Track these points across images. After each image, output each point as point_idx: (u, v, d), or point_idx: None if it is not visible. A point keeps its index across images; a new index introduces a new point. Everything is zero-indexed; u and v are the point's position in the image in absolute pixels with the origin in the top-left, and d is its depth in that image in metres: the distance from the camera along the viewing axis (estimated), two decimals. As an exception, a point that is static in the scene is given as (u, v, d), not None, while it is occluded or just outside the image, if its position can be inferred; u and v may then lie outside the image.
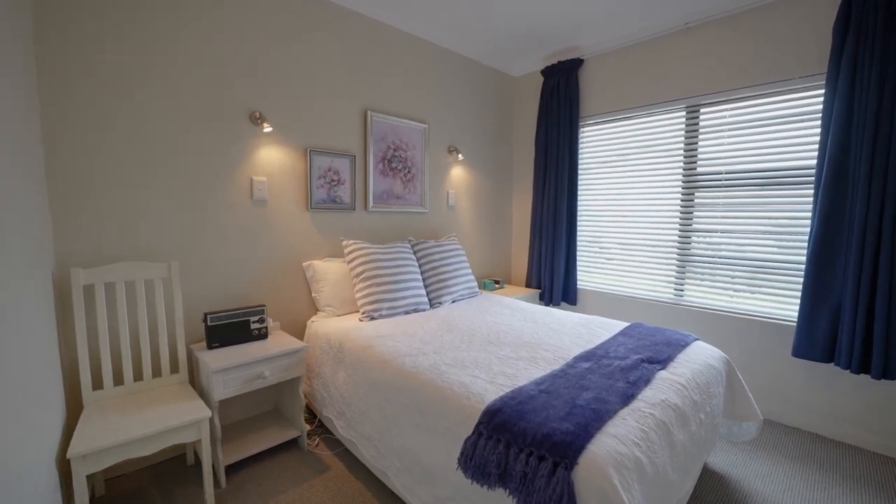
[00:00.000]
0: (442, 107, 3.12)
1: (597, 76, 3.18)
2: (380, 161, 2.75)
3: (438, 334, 2.08)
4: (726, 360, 1.94)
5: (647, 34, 2.86)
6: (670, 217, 2.91)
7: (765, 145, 2.48)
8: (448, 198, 3.24)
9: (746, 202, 2.57)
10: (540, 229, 3.51)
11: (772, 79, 2.41)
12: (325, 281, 2.41)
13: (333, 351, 2.09)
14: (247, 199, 2.21)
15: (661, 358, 1.74)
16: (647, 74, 2.91)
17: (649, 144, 2.98)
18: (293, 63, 2.32)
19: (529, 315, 2.47)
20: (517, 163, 3.79)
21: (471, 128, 3.37)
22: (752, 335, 2.55)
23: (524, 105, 3.69)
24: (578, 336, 2.09)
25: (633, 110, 3.01)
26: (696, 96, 2.71)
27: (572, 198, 3.31)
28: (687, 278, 2.86)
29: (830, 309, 2.21)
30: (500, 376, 1.58)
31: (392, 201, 2.85)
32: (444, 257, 2.76)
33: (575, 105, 3.22)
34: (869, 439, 2.20)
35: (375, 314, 2.31)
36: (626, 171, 3.12)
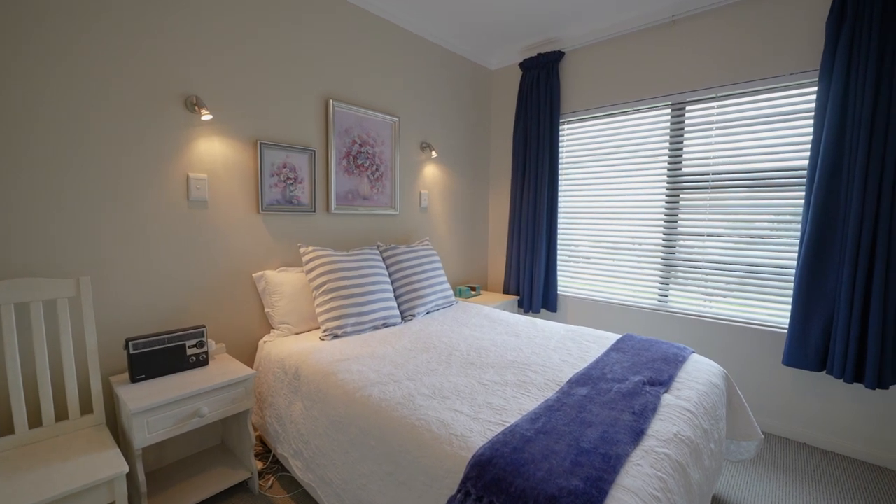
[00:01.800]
0: (414, 99, 2.86)
1: (578, 70, 3.01)
2: (344, 157, 2.45)
3: (412, 355, 1.81)
4: (726, 376, 1.78)
5: (632, 27, 2.70)
6: (654, 219, 2.78)
7: (754, 145, 2.37)
8: (421, 198, 2.98)
9: (734, 204, 2.46)
10: (518, 232, 3.31)
11: (762, 75, 2.30)
12: (279, 294, 2.09)
13: (288, 378, 1.79)
14: (181, 199, 1.86)
15: (663, 378, 1.56)
16: (630, 69, 2.76)
17: (633, 143, 2.84)
18: (239, 41, 1.99)
19: (511, 327, 2.25)
20: (494, 161, 3.58)
21: (445, 123, 3.12)
22: (741, 343, 2.44)
23: (502, 100, 3.48)
24: (567, 352, 1.89)
25: (617, 107, 2.86)
26: (681, 93, 2.58)
27: (552, 199, 3.13)
28: (672, 284, 2.73)
29: (823, 316, 2.11)
30: (486, 409, 1.34)
31: (358, 202, 2.55)
32: (416, 264, 2.50)
33: (555, 100, 3.04)
34: (862, 450, 2.12)
35: (339, 332, 2.02)
36: (608, 170, 2.96)
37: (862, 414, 2.12)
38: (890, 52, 1.89)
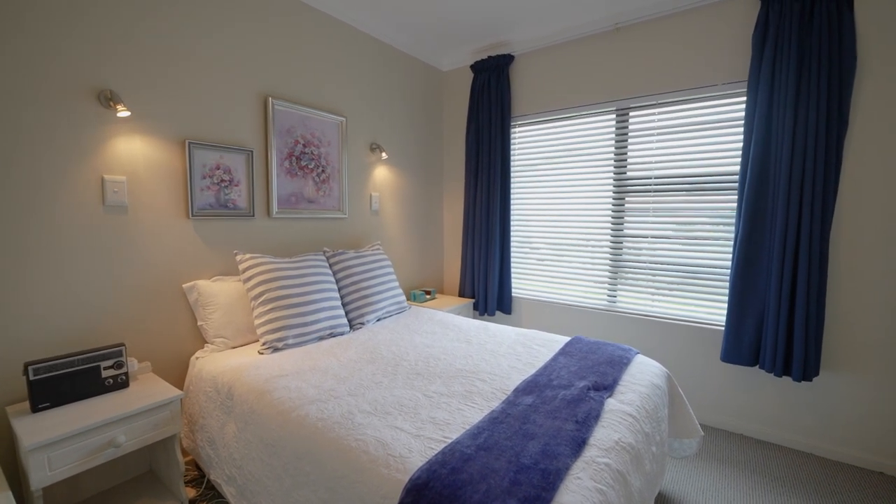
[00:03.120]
0: (362, 99, 2.76)
1: (528, 74, 3.03)
2: (286, 158, 2.32)
3: (357, 367, 1.73)
4: (668, 375, 1.83)
5: (578, 33, 2.75)
6: (602, 222, 2.84)
7: (692, 151, 2.47)
8: (371, 201, 2.88)
9: (676, 207, 2.55)
10: (472, 235, 3.29)
11: (697, 84, 2.40)
12: (213, 306, 1.94)
13: (221, 397, 1.65)
14: (96, 204, 1.68)
15: (607, 382, 1.57)
16: (578, 75, 2.81)
17: (581, 147, 2.89)
18: (162, 31, 1.82)
19: (463, 333, 2.21)
20: (448, 163, 3.54)
21: (397, 124, 3.04)
22: (683, 340, 2.53)
23: (455, 102, 3.45)
24: (517, 357, 1.87)
25: (565, 111, 2.90)
26: (625, 99, 2.65)
27: (505, 202, 3.13)
28: (619, 284, 2.81)
29: (755, 313, 2.23)
30: (429, 425, 1.28)
31: (302, 206, 2.43)
32: (366, 270, 2.41)
33: (506, 103, 3.04)
34: (791, 438, 2.25)
35: (280, 344, 1.90)
36: (559, 174, 3.00)
37: (790, 405, 2.25)
38: (807, 65, 2.01)
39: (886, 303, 2.00)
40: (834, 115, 1.98)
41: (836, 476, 2.02)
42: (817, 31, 1.98)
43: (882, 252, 2.00)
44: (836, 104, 1.98)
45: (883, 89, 1.96)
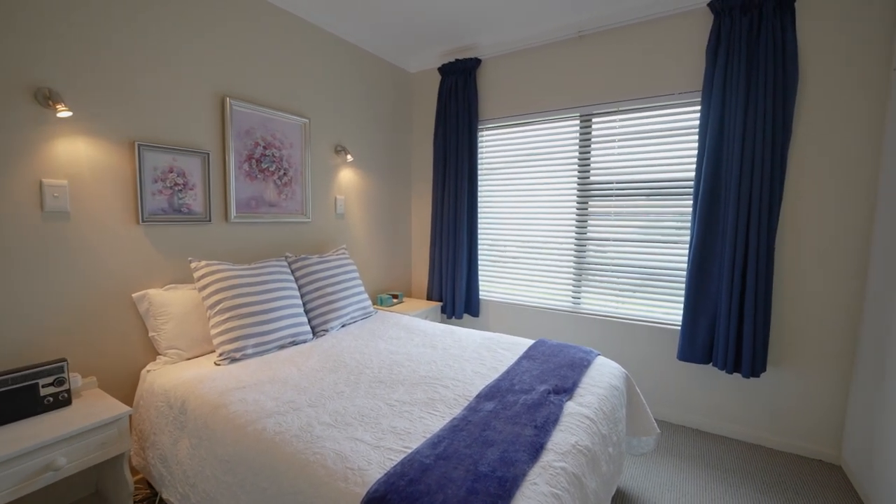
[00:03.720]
0: (327, 100, 2.71)
1: (495, 78, 3.05)
2: (245, 161, 2.24)
3: (319, 376, 1.70)
4: (626, 376, 1.89)
5: (544, 39, 2.79)
6: (567, 226, 2.90)
7: (651, 157, 2.56)
8: (336, 204, 2.83)
9: (635, 212, 2.64)
10: (440, 238, 3.29)
11: (656, 93, 2.48)
12: (166, 316, 1.85)
13: (174, 412, 1.58)
14: (34, 210, 1.57)
15: (567, 386, 1.60)
16: (543, 80, 2.86)
17: (547, 152, 2.94)
18: (108, 24, 1.72)
19: (429, 338, 2.21)
20: (416, 166, 3.53)
21: (363, 126, 3.00)
22: (643, 340, 2.62)
23: (423, 104, 3.43)
24: (481, 362, 1.88)
25: (531, 116, 2.94)
26: (588, 105, 2.72)
27: (472, 205, 3.14)
28: (583, 286, 2.88)
29: (709, 314, 2.33)
30: (390, 435, 1.27)
31: (263, 210, 2.36)
32: (330, 275, 2.36)
33: (473, 107, 3.06)
34: (741, 430, 2.38)
35: (238, 354, 1.83)
36: (525, 178, 3.04)
37: (741, 400, 2.37)
38: (755, 77, 2.12)
39: (826, 302, 2.14)
40: (779, 125, 2.10)
41: (781, 465, 2.15)
42: (764, 46, 2.09)
43: (821, 255, 2.13)
44: (781, 115, 2.09)
45: (821, 103, 2.09)
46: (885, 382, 1.76)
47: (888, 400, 1.72)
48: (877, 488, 1.77)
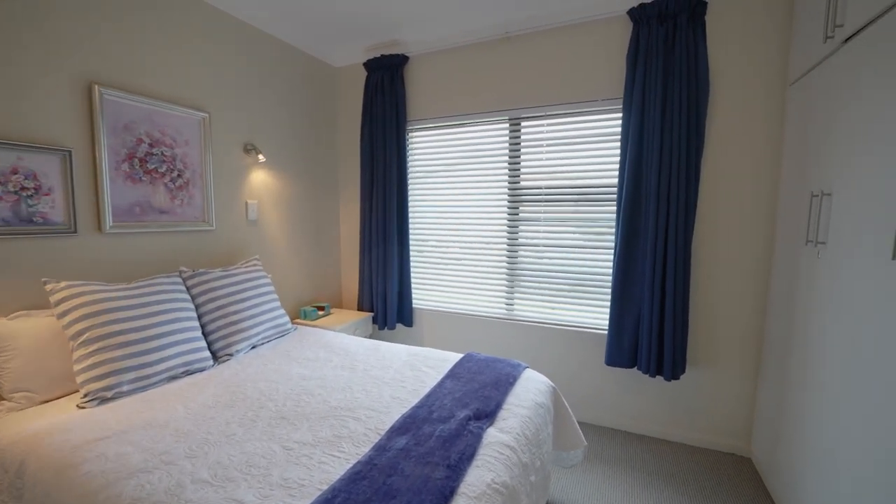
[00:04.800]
0: (234, 93, 2.41)
1: (423, 77, 2.91)
2: (125, 160, 1.91)
3: (210, 415, 1.46)
4: (553, 390, 1.84)
5: (471, 38, 2.69)
6: (499, 231, 2.84)
7: (577, 163, 2.55)
8: (248, 209, 2.54)
9: (564, 217, 2.62)
10: (369, 244, 3.09)
11: (581, 99, 2.47)
12: (11, 351, 1.51)
13: (9, 477, 1.27)
14: None
15: (489, 409, 1.50)
16: (473, 81, 2.76)
17: (478, 155, 2.85)
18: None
19: (349, 358, 2.02)
20: (344, 167, 3.30)
21: (279, 123, 2.73)
22: (574, 345, 2.62)
23: (350, 101, 3.21)
24: (402, 385, 1.73)
25: (461, 117, 2.83)
26: (517, 109, 2.66)
27: (402, 209, 2.98)
28: (516, 293, 2.83)
29: (633, 318, 2.36)
30: (279, 490, 1.08)
31: (151, 217, 2.03)
32: (237, 290, 2.10)
33: (401, 106, 2.90)
34: (665, 430, 2.44)
35: (110, 393, 1.54)
36: (456, 182, 2.93)
37: (663, 400, 2.43)
38: (671, 87, 2.16)
39: (736, 304, 2.24)
40: (693, 133, 2.15)
41: (699, 462, 2.22)
42: (679, 57, 2.13)
43: (731, 259, 2.23)
44: (695, 124, 2.15)
45: (729, 113, 2.17)
46: (787, 378, 1.85)
47: (789, 395, 1.81)
48: (779, 478, 1.86)
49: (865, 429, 1.26)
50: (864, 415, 1.27)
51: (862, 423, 1.28)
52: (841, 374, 1.43)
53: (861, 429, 1.28)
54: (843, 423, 1.39)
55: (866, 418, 1.26)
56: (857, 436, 1.30)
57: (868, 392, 1.27)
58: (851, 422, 1.34)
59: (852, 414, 1.34)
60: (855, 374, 1.34)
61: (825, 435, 1.50)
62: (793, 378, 1.80)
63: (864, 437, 1.26)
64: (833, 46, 1.59)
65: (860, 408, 1.30)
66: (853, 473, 1.31)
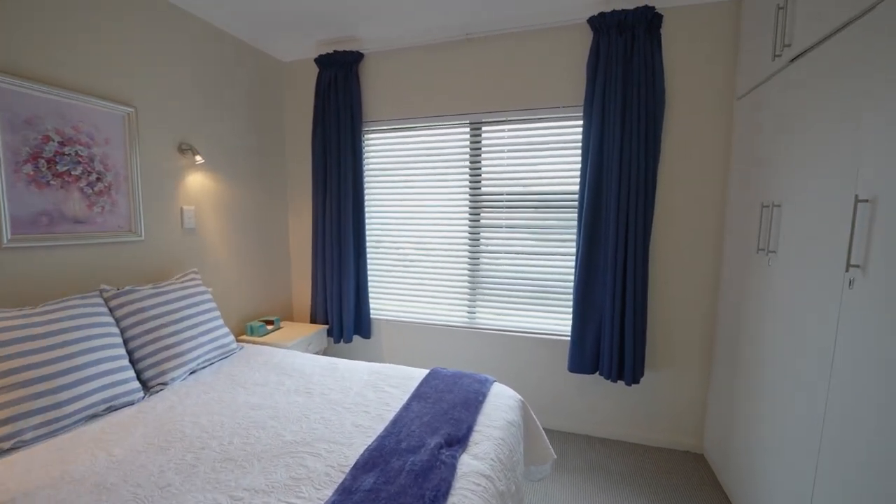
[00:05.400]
0: (165, 85, 2.14)
1: (380, 76, 2.77)
2: (27, 161, 1.61)
3: (140, 462, 1.25)
4: (522, 404, 1.79)
5: (430, 38, 2.60)
6: (460, 237, 2.76)
7: (539, 169, 2.54)
8: (183, 217, 2.27)
9: (526, 224, 2.60)
10: (323, 251, 2.90)
11: (542, 105, 2.45)
12: None
13: None
14: None
15: (461, 433, 1.41)
16: (432, 83, 2.66)
17: (438, 160, 2.76)
18: None
19: (304, 380, 1.85)
20: (293, 169, 3.07)
21: (220, 121, 2.47)
22: (538, 353, 2.60)
23: (299, 99, 2.99)
24: (365, 409, 1.60)
25: (420, 120, 2.73)
26: (478, 113, 2.60)
27: (359, 215, 2.83)
28: (478, 300, 2.77)
29: (595, 325, 2.38)
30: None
31: (63, 228, 1.74)
32: (171, 310, 1.85)
33: (356, 106, 2.74)
34: (626, 433, 2.49)
35: (8, 443, 1.28)
36: (416, 187, 2.82)
37: (624, 404, 2.48)
38: (630, 97, 2.19)
39: (690, 308, 2.32)
40: (651, 144, 2.20)
41: (658, 461, 2.28)
42: (637, 67, 2.16)
43: (686, 267, 2.31)
44: (653, 133, 2.19)
45: (683, 124, 2.24)
46: (736, 378, 1.94)
47: (738, 395, 1.89)
48: (730, 472, 1.95)
49: (809, 426, 1.32)
50: (808, 413, 1.33)
51: (806, 420, 1.34)
52: (787, 374, 1.49)
53: (805, 426, 1.34)
54: (789, 420, 1.45)
55: (810, 416, 1.32)
56: (801, 433, 1.36)
57: (813, 391, 1.32)
58: (796, 419, 1.40)
59: (796, 412, 1.40)
60: (801, 375, 1.40)
61: (772, 431, 1.57)
62: (742, 379, 1.88)
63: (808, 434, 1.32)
64: (781, 64, 1.66)
65: (804, 406, 1.36)
66: (798, 467, 1.37)
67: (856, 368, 1.17)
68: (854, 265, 1.20)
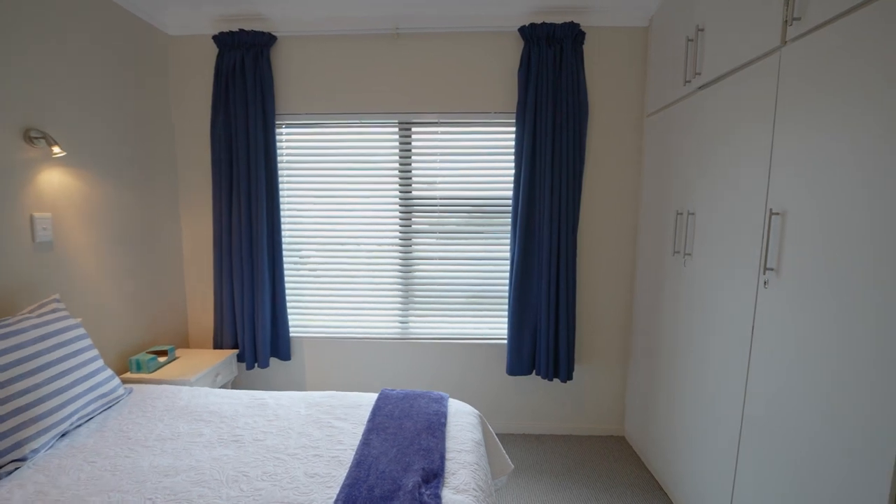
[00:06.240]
0: (1, 51, 1.58)
1: (298, 65, 2.45)
2: None
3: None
4: (481, 419, 1.73)
5: (356, 28, 2.38)
6: (391, 243, 2.61)
7: (473, 174, 2.51)
8: (34, 227, 1.71)
9: (460, 229, 2.56)
10: (230, 263, 2.48)
11: (475, 109, 2.43)
12: None
13: None
14: None
15: (435, 465, 1.30)
16: (358, 77, 2.45)
17: (364, 160, 2.56)
18: None
19: (228, 425, 1.54)
20: (186, 166, 2.56)
21: (85, 103, 1.92)
22: (475, 359, 2.59)
23: (192, 83, 2.50)
24: (316, 452, 1.38)
25: (345, 116, 2.49)
26: (407, 113, 2.47)
27: (273, 220, 2.48)
28: (412, 309, 2.65)
29: (531, 328, 2.44)
30: None
31: None
32: (25, 357, 1.37)
33: (269, 96, 2.39)
34: (559, 426, 2.62)
35: None
36: (340, 189, 2.58)
37: (556, 400, 2.61)
38: (560, 107, 2.29)
39: (611, 304, 2.53)
40: (577, 154, 2.32)
41: (590, 448, 2.46)
42: (565, 80, 2.26)
43: (606, 265, 2.50)
44: (578, 143, 2.32)
45: (603, 136, 2.42)
46: (656, 367, 2.16)
47: (656, 381, 2.12)
48: (652, 450, 2.19)
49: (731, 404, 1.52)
50: (730, 393, 1.53)
51: (727, 400, 1.54)
52: (707, 361, 1.70)
53: (727, 404, 1.54)
54: (709, 400, 1.66)
55: (731, 396, 1.52)
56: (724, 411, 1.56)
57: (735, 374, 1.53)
58: (717, 399, 1.60)
59: (718, 393, 1.60)
60: (721, 362, 1.61)
61: (693, 412, 1.78)
62: (662, 367, 2.10)
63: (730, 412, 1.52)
64: (691, 89, 1.88)
65: (727, 386, 1.56)
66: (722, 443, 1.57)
67: (771, 355, 1.37)
68: (770, 268, 1.39)
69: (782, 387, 1.32)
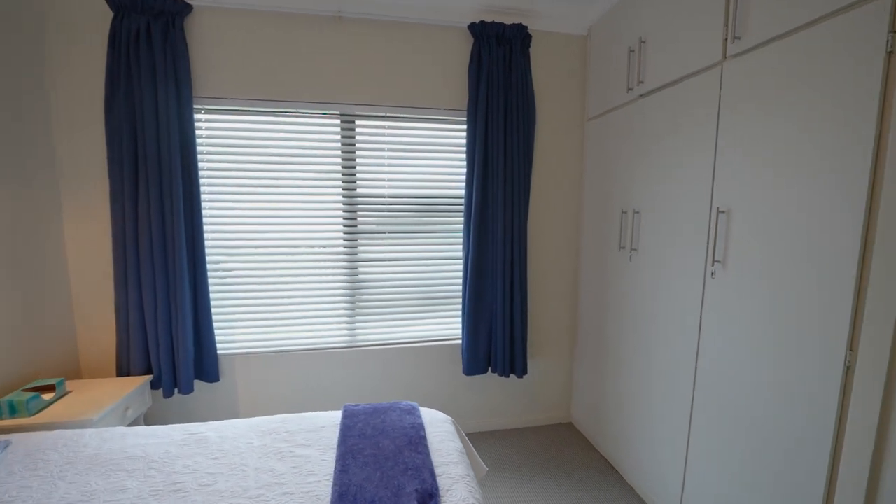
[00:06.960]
0: None
1: (222, 41, 2.12)
2: None
3: None
4: (455, 426, 1.66)
5: (292, 5, 2.13)
6: (334, 245, 2.40)
7: (425, 171, 2.42)
8: None
9: (411, 228, 2.45)
10: (137, 271, 2.06)
11: (423, 105, 2.34)
12: None
13: None
14: None
15: (428, 485, 1.20)
16: (294, 61, 2.19)
17: (304, 155, 2.31)
18: None
19: (161, 472, 1.25)
20: (68, 155, 2.06)
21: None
22: (429, 361, 2.51)
23: (75, 51, 2.01)
24: (285, 490, 1.19)
25: (279, 104, 2.22)
26: (350, 104, 2.29)
27: (194, 219, 2.12)
28: (359, 314, 2.47)
29: (486, 326, 2.43)
30: None
31: None
32: None
33: (183, 73, 2.02)
34: (514, 420, 2.66)
35: None
36: (276, 186, 2.30)
37: (509, 395, 2.64)
38: (511, 106, 2.30)
39: (558, 299, 2.63)
40: (528, 152, 2.37)
41: (543, 438, 2.55)
42: (515, 79, 2.28)
43: (553, 264, 2.60)
44: (526, 142, 2.37)
45: (548, 137, 2.50)
46: (603, 356, 2.31)
47: (605, 368, 2.26)
48: (601, 434, 2.35)
49: (682, 385, 1.67)
50: (680, 374, 1.68)
51: (679, 381, 1.69)
52: (657, 346, 1.85)
53: (679, 385, 1.69)
54: (660, 383, 1.81)
55: (682, 377, 1.67)
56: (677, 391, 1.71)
57: (684, 357, 1.68)
58: (668, 382, 1.75)
59: (668, 375, 1.75)
60: (671, 346, 1.76)
61: (643, 395, 1.93)
62: (610, 356, 2.24)
63: (682, 393, 1.67)
64: (633, 97, 2.02)
65: (677, 369, 1.71)
66: (676, 421, 1.72)
67: (717, 339, 1.53)
68: (717, 260, 1.54)
69: (729, 363, 1.48)
